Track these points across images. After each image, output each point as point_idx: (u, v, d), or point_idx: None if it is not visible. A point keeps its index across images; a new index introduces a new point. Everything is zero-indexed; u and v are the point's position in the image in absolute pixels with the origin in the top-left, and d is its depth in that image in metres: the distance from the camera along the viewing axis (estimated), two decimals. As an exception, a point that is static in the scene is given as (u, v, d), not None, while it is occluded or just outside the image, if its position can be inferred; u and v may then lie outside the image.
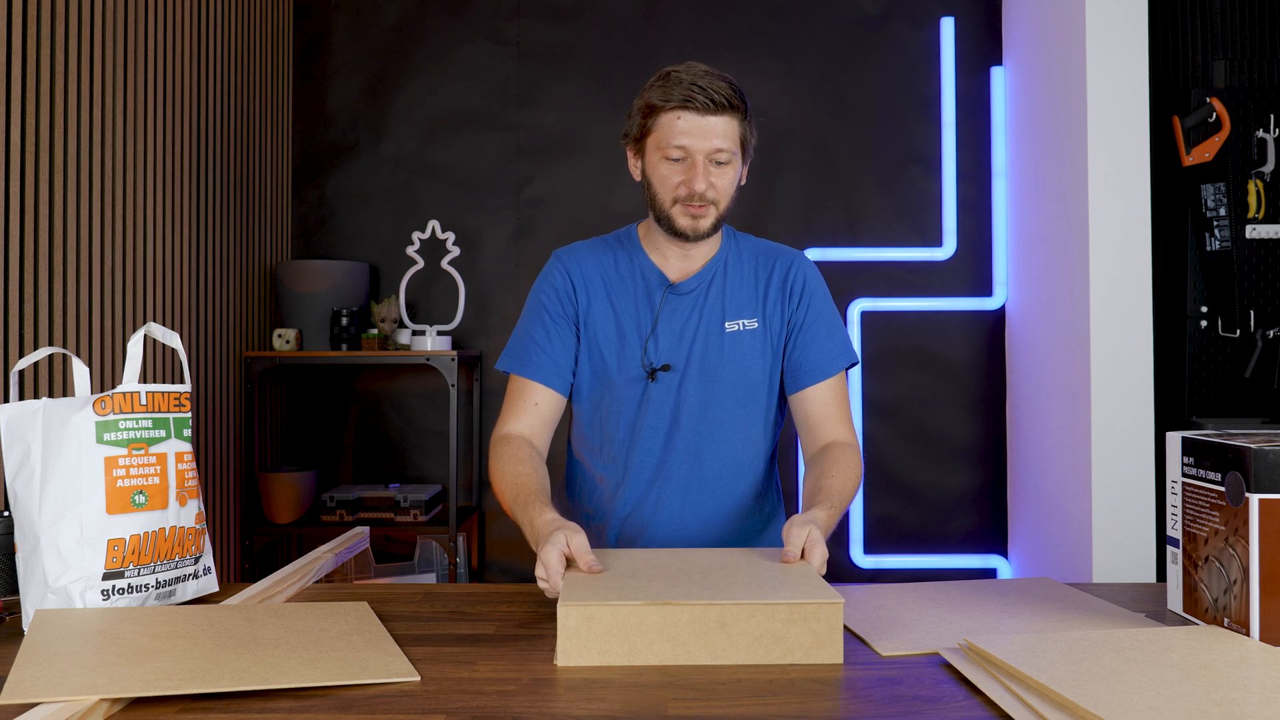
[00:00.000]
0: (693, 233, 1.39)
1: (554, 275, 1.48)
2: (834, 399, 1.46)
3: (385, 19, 3.22)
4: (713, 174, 1.36)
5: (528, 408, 1.43)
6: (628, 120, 1.43)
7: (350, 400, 3.23)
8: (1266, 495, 0.98)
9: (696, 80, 1.33)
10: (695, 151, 1.34)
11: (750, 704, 0.86)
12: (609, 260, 1.48)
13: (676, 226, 1.39)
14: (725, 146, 1.35)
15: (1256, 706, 0.79)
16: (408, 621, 1.13)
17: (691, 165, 1.35)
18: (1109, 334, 2.45)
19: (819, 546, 1.17)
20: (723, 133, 1.34)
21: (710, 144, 1.34)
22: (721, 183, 1.37)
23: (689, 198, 1.36)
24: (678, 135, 1.34)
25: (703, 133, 1.33)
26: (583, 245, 1.51)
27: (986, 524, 3.16)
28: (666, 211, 1.39)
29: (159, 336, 1.22)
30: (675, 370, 1.43)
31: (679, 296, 1.45)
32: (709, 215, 1.38)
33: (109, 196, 2.21)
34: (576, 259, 1.48)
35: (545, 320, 1.45)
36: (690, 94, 1.32)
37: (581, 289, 1.46)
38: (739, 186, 1.43)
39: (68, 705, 0.81)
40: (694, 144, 1.34)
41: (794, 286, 1.48)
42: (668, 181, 1.37)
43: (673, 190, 1.37)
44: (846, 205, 3.18)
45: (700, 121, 1.33)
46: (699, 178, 1.34)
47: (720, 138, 1.34)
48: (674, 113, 1.34)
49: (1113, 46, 2.47)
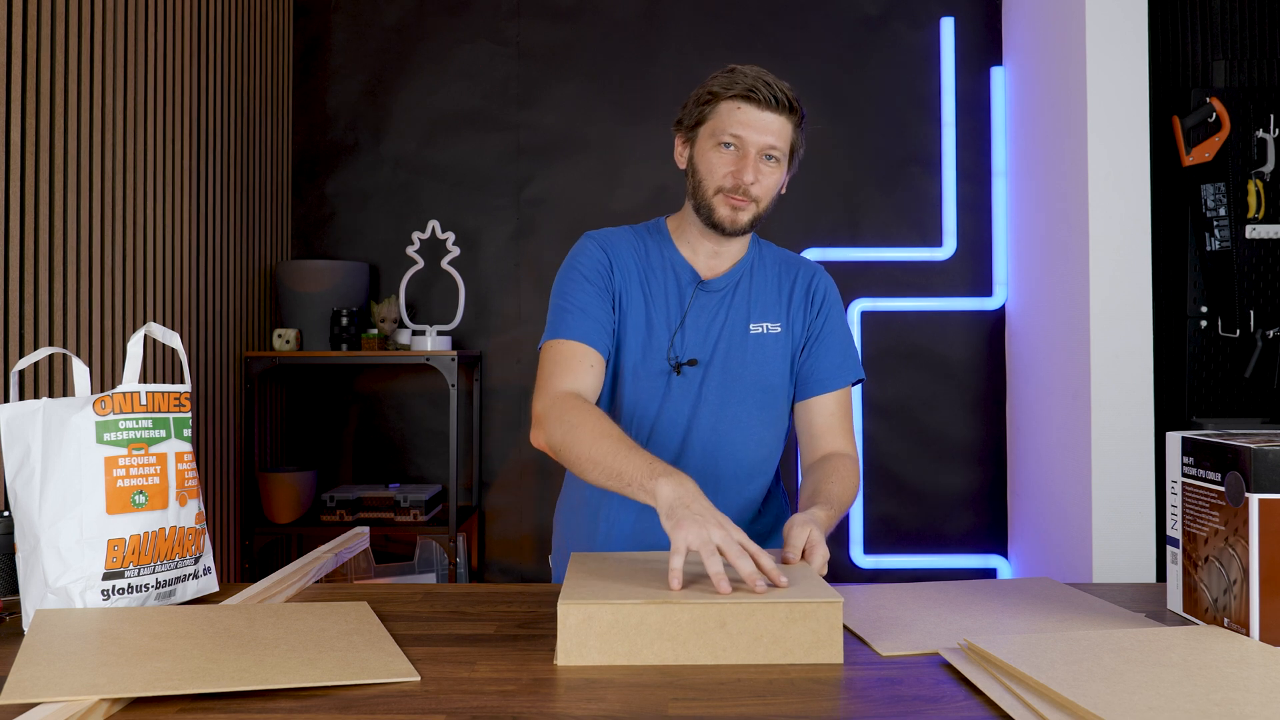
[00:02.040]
0: (731, 225, 1.38)
1: (591, 250, 1.44)
2: (839, 411, 1.47)
3: (385, 19, 3.22)
4: (761, 170, 1.36)
5: (584, 370, 1.35)
6: (683, 109, 1.43)
7: (350, 400, 3.23)
8: (1266, 495, 0.98)
9: (761, 76, 1.35)
10: (749, 143, 1.35)
11: (750, 704, 0.86)
12: (641, 248, 1.47)
13: (715, 217, 1.39)
14: (778, 144, 1.36)
15: (1256, 706, 0.79)
16: (408, 621, 1.13)
17: (743, 155, 1.35)
18: (1109, 334, 2.45)
19: (820, 547, 1.17)
20: (777, 131, 1.35)
21: (764, 139, 1.35)
22: (767, 182, 1.38)
23: (734, 189, 1.36)
24: (734, 124, 1.35)
25: (759, 126, 1.35)
26: (614, 231, 1.49)
27: (986, 524, 3.16)
28: (709, 200, 1.39)
29: (159, 336, 1.22)
30: (699, 366, 1.43)
31: (708, 294, 1.45)
32: (749, 210, 1.38)
33: (109, 196, 2.21)
34: (611, 241, 1.47)
35: (586, 287, 1.41)
36: (754, 86, 1.34)
37: (619, 269, 1.44)
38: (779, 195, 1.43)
39: (68, 705, 0.81)
40: (749, 135, 1.35)
41: (815, 297, 1.50)
42: (715, 170, 1.37)
43: (719, 179, 1.37)
44: (846, 205, 3.18)
45: (758, 115, 1.34)
46: (749, 168, 1.35)
47: (775, 135, 1.35)
48: (734, 102, 1.35)
49: (1113, 46, 2.47)
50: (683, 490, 1.12)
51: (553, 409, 1.30)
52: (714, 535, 1.05)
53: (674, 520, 1.08)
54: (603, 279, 1.42)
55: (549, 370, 1.36)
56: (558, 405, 1.30)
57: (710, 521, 1.06)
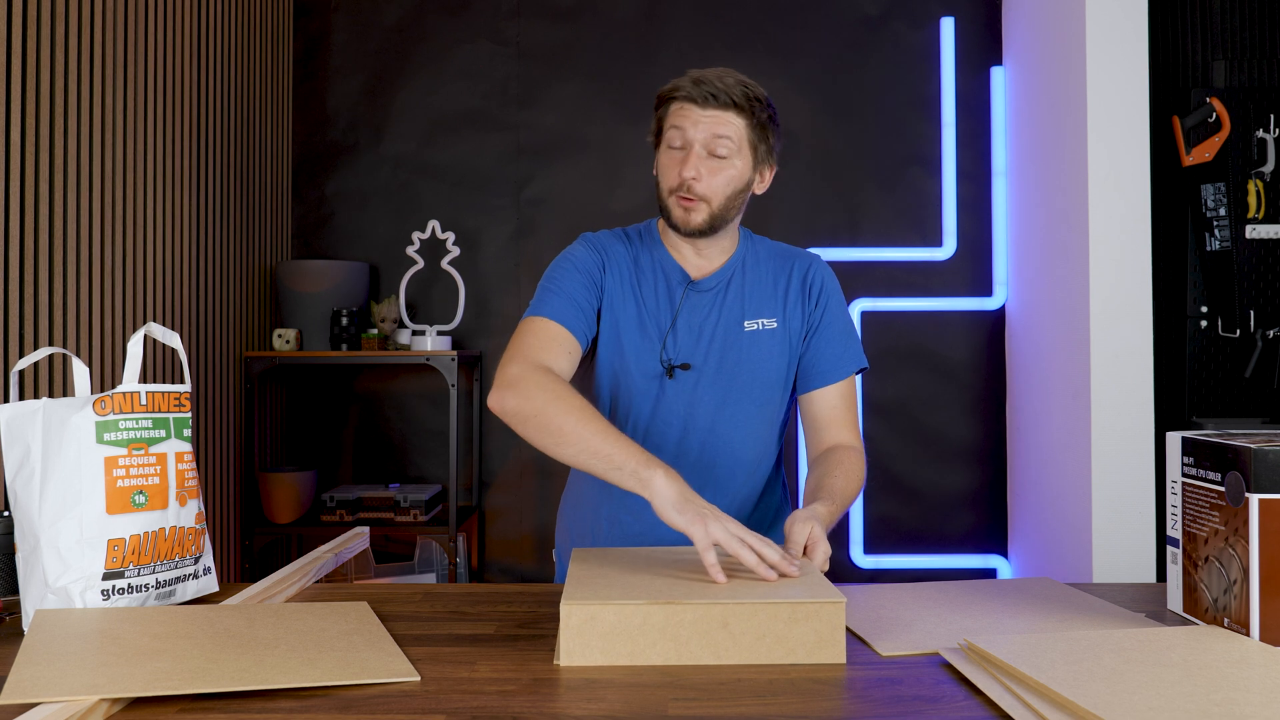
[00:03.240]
0: (684, 226, 1.38)
1: (588, 252, 1.45)
2: (842, 402, 1.47)
3: (385, 19, 3.22)
4: (706, 166, 1.35)
5: (560, 352, 1.33)
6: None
7: (350, 400, 3.23)
8: (1266, 495, 0.98)
9: (703, 75, 1.35)
10: (689, 140, 1.35)
11: (751, 704, 0.86)
12: (632, 252, 1.48)
13: (672, 219, 1.39)
14: (721, 137, 1.35)
15: (1256, 706, 0.79)
16: (408, 621, 1.13)
17: (686, 154, 1.36)
18: (1109, 334, 2.45)
19: (821, 543, 1.17)
20: (719, 125, 1.35)
21: (704, 133, 1.34)
22: (715, 180, 1.36)
23: (679, 186, 1.36)
24: (678, 121, 1.36)
25: (697, 122, 1.35)
26: (608, 234, 1.50)
27: (986, 524, 3.16)
28: (665, 202, 1.40)
29: (159, 336, 1.22)
30: (693, 368, 1.43)
31: (699, 294, 1.45)
32: (700, 211, 1.37)
33: (109, 196, 2.21)
34: (605, 243, 1.47)
35: (576, 278, 1.40)
36: (687, 87, 1.35)
37: (611, 272, 1.45)
38: (753, 194, 1.43)
39: (68, 705, 0.81)
40: (689, 131, 1.35)
41: (813, 288, 1.49)
42: (667, 171, 1.38)
43: (669, 180, 1.38)
44: (847, 205, 3.18)
45: (699, 112, 1.35)
46: (689, 165, 1.34)
47: (718, 130, 1.34)
48: (677, 103, 1.37)
49: (1113, 46, 2.47)
50: (680, 485, 1.13)
51: (530, 375, 1.25)
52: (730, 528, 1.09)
53: (686, 516, 1.09)
54: (592, 274, 1.43)
55: (527, 342, 1.32)
56: (537, 374, 1.25)
57: (712, 516, 1.10)
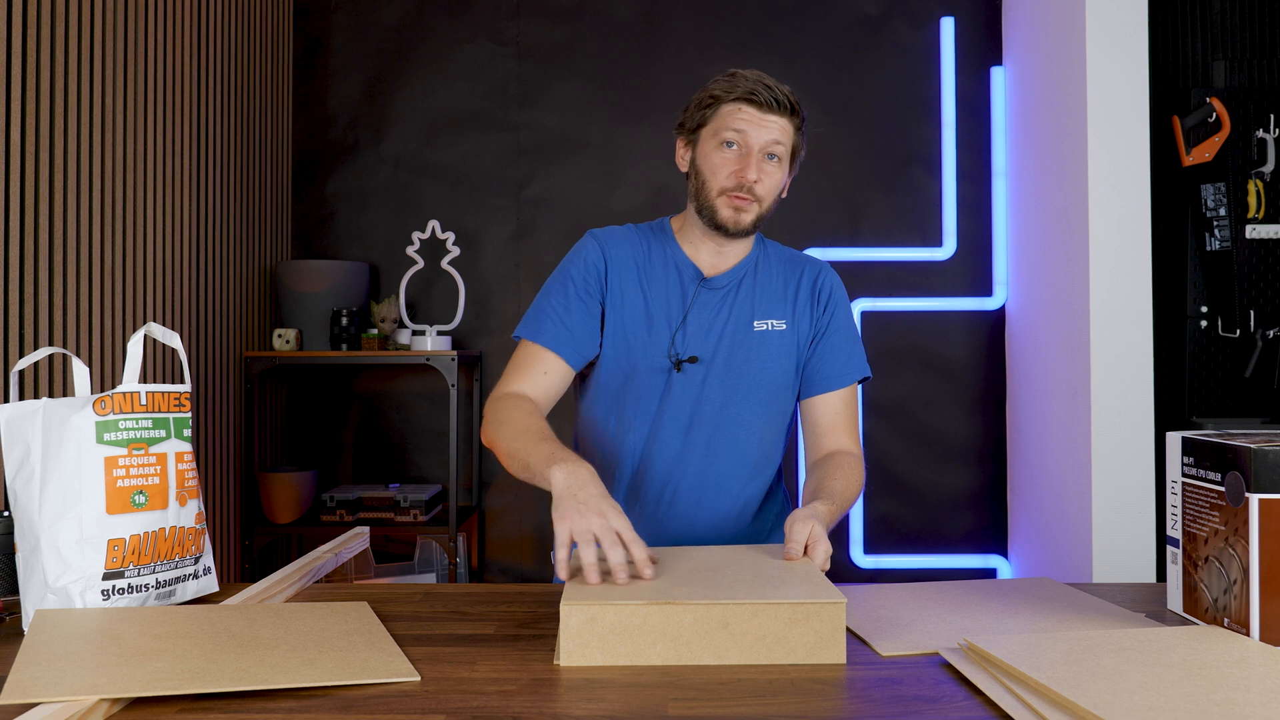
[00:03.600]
0: (734, 226, 1.39)
1: (588, 252, 1.46)
2: (844, 409, 1.47)
3: (385, 19, 3.22)
4: (764, 169, 1.38)
5: (537, 374, 1.40)
6: (684, 112, 1.45)
7: (350, 400, 3.23)
8: (1266, 495, 0.98)
9: (762, 79, 1.38)
10: (752, 142, 1.37)
11: (751, 704, 0.86)
12: (643, 247, 1.48)
13: (719, 218, 1.40)
14: (780, 141, 1.38)
15: (1256, 706, 0.79)
16: (408, 621, 1.13)
17: (746, 154, 1.37)
18: (1109, 334, 2.45)
19: (822, 542, 1.17)
20: (779, 132, 1.38)
21: (766, 136, 1.37)
22: (769, 181, 1.39)
23: (737, 188, 1.37)
24: (737, 124, 1.37)
25: (761, 125, 1.37)
26: (618, 229, 1.51)
27: (986, 524, 3.16)
28: (712, 201, 1.40)
29: (159, 336, 1.22)
30: (701, 364, 1.43)
31: (711, 291, 1.46)
32: (752, 210, 1.39)
33: (109, 196, 2.21)
34: (613, 240, 1.48)
35: (569, 291, 1.44)
36: (754, 89, 1.36)
37: (614, 271, 1.45)
38: (780, 198, 1.45)
39: (68, 705, 0.81)
40: (752, 133, 1.37)
41: (821, 294, 1.50)
42: (719, 170, 1.39)
43: (722, 179, 1.39)
44: (846, 205, 3.18)
45: (761, 116, 1.37)
46: (752, 166, 1.36)
47: (777, 135, 1.37)
48: (736, 104, 1.38)
49: (1113, 46, 2.47)
50: (574, 479, 1.13)
51: (491, 408, 1.36)
52: (593, 524, 1.07)
53: (558, 511, 1.10)
54: (588, 284, 1.44)
55: (509, 370, 1.42)
56: (495, 404, 1.36)
57: (591, 510, 1.09)
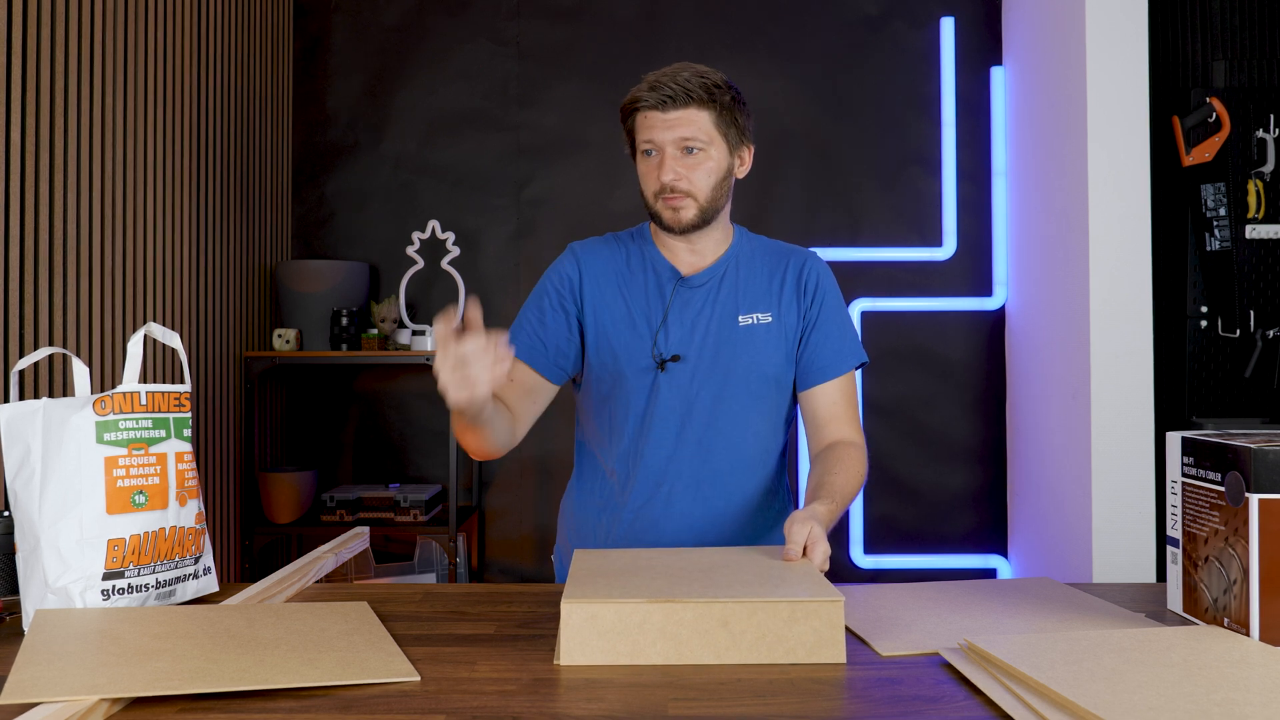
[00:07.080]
0: (675, 225, 1.41)
1: (564, 266, 1.50)
2: (843, 398, 1.47)
3: (385, 19, 3.22)
4: (683, 164, 1.39)
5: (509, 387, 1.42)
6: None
7: (350, 400, 3.23)
8: (1266, 495, 0.98)
9: (658, 78, 1.38)
10: (660, 144, 1.39)
11: (751, 704, 0.86)
12: (621, 255, 1.51)
13: (663, 221, 1.43)
14: (690, 136, 1.38)
15: (1256, 706, 0.79)
16: (408, 621, 1.13)
17: (660, 158, 1.39)
18: (1109, 334, 2.45)
19: (821, 543, 1.17)
20: (686, 124, 1.37)
21: (673, 134, 1.37)
22: (695, 174, 1.39)
23: (663, 190, 1.39)
24: (643, 131, 1.40)
25: (664, 126, 1.38)
26: (597, 240, 1.54)
27: (986, 524, 3.16)
28: (652, 207, 1.43)
29: (159, 336, 1.22)
30: (686, 362, 1.44)
31: (691, 289, 1.46)
32: (688, 207, 1.40)
33: (109, 196, 2.21)
34: (589, 252, 1.51)
35: (544, 304, 1.48)
36: (643, 95, 1.38)
37: (590, 282, 1.47)
38: (735, 179, 1.45)
39: (68, 705, 0.81)
40: (657, 137, 1.38)
41: (808, 284, 1.50)
42: (647, 179, 1.43)
43: (651, 186, 1.42)
44: (846, 205, 3.18)
45: (661, 116, 1.38)
46: (666, 169, 1.38)
47: (685, 129, 1.37)
48: (640, 113, 1.40)
49: (1113, 46, 2.46)
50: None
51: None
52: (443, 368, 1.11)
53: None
54: (562, 298, 1.47)
55: None
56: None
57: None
